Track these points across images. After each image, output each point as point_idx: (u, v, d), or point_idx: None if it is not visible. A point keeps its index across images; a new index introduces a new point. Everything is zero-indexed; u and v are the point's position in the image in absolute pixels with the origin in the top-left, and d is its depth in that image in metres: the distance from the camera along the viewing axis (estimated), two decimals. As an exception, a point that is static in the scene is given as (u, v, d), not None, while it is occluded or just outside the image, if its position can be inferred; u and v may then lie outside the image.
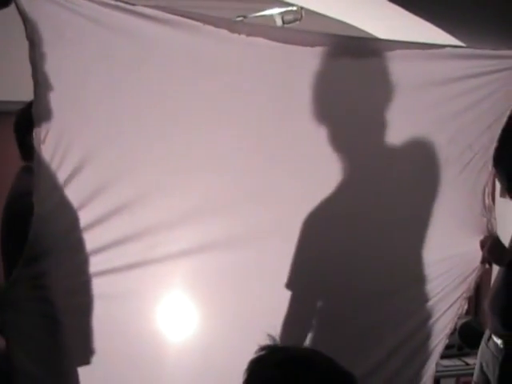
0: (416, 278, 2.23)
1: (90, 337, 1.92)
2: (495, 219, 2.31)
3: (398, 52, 2.12)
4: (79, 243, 1.85)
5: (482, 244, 2.28)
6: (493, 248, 2.26)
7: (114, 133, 1.88)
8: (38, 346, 1.84)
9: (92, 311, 1.90)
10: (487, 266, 2.30)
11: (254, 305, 2.05)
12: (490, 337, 2.41)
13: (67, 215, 1.83)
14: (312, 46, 2.01)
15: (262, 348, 1.40)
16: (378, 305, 2.19)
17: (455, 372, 3.57)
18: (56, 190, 1.79)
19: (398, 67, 2.12)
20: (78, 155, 1.81)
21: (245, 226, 2.03)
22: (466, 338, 3.57)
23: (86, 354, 1.94)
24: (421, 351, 2.29)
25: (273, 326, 1.47)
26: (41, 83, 1.74)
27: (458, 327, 3.56)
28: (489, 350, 2.40)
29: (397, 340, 2.23)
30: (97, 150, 1.84)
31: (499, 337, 2.35)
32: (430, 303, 2.25)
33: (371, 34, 2.73)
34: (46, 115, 1.76)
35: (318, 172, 2.11)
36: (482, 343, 2.50)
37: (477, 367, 2.52)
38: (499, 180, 2.48)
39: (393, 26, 2.63)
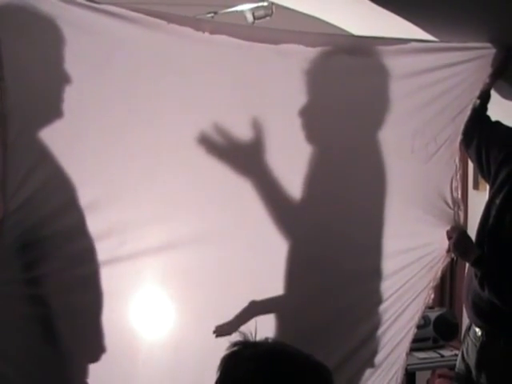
0: (383, 268, 2.24)
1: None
2: (462, 211, 2.32)
3: (364, 47, 2.14)
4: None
5: (449, 234, 2.30)
6: (459, 242, 2.28)
7: (78, 130, 1.88)
8: (14, 347, 1.84)
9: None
10: (453, 255, 2.32)
11: (223, 300, 2.06)
12: (470, 325, 2.44)
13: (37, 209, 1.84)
14: (276, 43, 2.02)
15: (234, 344, 1.41)
16: (346, 294, 2.21)
17: (431, 364, 3.57)
18: (23, 187, 1.80)
19: (364, 62, 2.14)
20: (42, 152, 1.82)
21: (212, 224, 2.04)
22: (440, 331, 3.62)
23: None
24: (390, 341, 2.30)
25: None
26: (6, 80, 1.74)
27: (432, 320, 3.60)
28: (469, 338, 2.43)
29: (366, 330, 2.25)
30: (61, 148, 1.85)
31: (477, 326, 2.38)
32: (397, 293, 2.26)
33: (342, 29, 2.72)
34: (12, 112, 1.76)
35: (284, 168, 2.11)
36: (464, 332, 2.53)
37: (459, 356, 2.54)
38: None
39: (364, 21, 2.63)
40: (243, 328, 1.44)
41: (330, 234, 2.18)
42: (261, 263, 2.12)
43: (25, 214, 1.80)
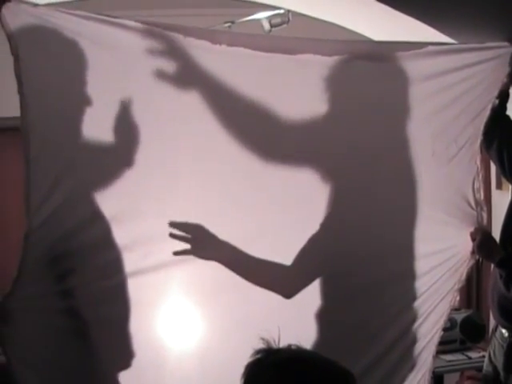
0: (409, 271, 2.23)
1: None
2: (485, 212, 2.30)
3: (381, 53, 2.14)
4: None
5: (473, 236, 2.28)
6: (482, 244, 2.26)
7: (100, 144, 1.90)
8: (46, 361, 1.87)
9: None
10: (477, 257, 2.30)
11: (248, 309, 2.06)
12: (496, 326, 2.43)
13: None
14: (293, 53, 2.03)
15: (258, 351, 1.41)
16: (372, 299, 2.19)
17: (459, 366, 3.52)
18: (47, 201, 1.82)
19: (382, 67, 2.15)
20: (65, 166, 1.85)
21: (237, 232, 2.04)
22: (467, 332, 3.58)
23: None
24: (416, 344, 2.28)
25: (267, 329, 1.46)
26: (26, 97, 1.76)
27: (459, 322, 3.57)
28: (496, 339, 2.41)
29: (393, 334, 2.22)
30: (82, 161, 1.88)
31: (503, 327, 2.36)
32: (423, 296, 2.24)
33: (359, 34, 2.73)
34: (33, 128, 1.78)
35: (310, 175, 2.11)
36: (491, 333, 2.51)
37: (486, 357, 2.53)
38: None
39: (382, 25, 2.64)
40: (266, 336, 1.44)
41: (354, 237, 2.15)
42: None
43: (50, 228, 1.82)
